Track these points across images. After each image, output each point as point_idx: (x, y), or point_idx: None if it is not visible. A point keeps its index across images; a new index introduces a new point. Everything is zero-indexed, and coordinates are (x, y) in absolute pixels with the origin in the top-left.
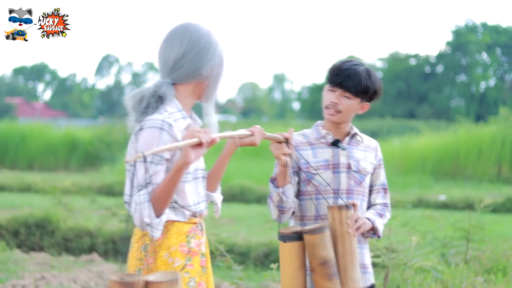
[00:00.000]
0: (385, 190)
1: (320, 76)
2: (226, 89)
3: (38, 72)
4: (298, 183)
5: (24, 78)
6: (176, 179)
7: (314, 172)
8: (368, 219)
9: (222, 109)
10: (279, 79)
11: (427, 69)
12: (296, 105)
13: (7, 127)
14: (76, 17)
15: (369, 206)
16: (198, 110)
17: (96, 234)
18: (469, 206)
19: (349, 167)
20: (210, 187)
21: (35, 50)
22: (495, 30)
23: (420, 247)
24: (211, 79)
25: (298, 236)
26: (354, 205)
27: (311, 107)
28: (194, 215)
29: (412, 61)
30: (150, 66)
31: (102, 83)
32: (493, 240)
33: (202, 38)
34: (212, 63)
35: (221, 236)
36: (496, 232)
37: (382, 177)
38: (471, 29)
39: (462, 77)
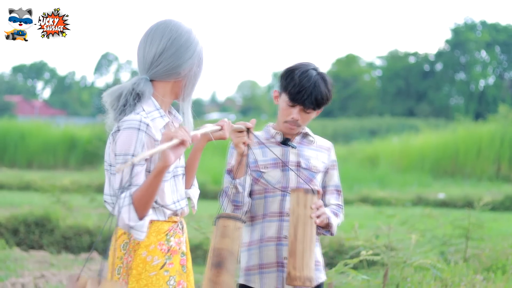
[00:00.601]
0: (338, 191)
1: None
2: (225, 87)
3: (37, 70)
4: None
5: (23, 76)
6: (157, 181)
7: (263, 170)
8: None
9: (221, 107)
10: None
11: (426, 67)
12: None
13: (6, 125)
14: (76, 16)
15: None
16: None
17: (95, 232)
18: (468, 204)
19: (298, 165)
20: (185, 184)
21: (35, 48)
22: (494, 28)
23: (419, 245)
24: (189, 78)
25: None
26: (318, 192)
27: None
28: (175, 213)
29: (411, 59)
30: None
31: (101, 81)
32: (492, 238)
33: (182, 36)
34: (191, 61)
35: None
36: (495, 230)
37: (335, 178)
38: (470, 27)
39: (461, 75)
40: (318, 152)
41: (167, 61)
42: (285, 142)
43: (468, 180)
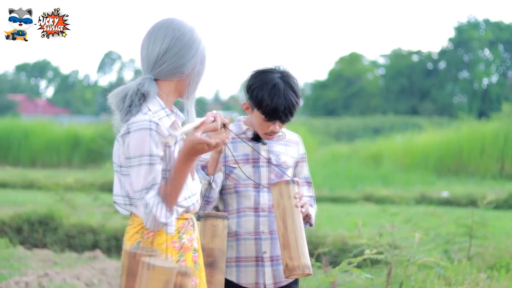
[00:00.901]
0: (309, 183)
1: (323, 73)
2: (229, 86)
3: (40, 69)
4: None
5: (26, 75)
6: (187, 167)
7: (234, 166)
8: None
9: (224, 105)
10: None
11: (430, 65)
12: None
13: (9, 124)
14: (79, 14)
15: None
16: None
17: (99, 231)
18: (472, 203)
19: (269, 161)
20: None
21: (38, 47)
22: (498, 26)
23: (423, 243)
24: (192, 76)
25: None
26: (298, 182)
27: (314, 103)
28: (186, 210)
29: (415, 58)
30: None
31: (105, 80)
32: (496, 237)
33: (185, 34)
34: (194, 60)
35: None
36: (499, 228)
37: (305, 171)
38: (474, 25)
39: (464, 74)
40: (288, 147)
41: (170, 60)
42: (256, 138)
43: (471, 178)
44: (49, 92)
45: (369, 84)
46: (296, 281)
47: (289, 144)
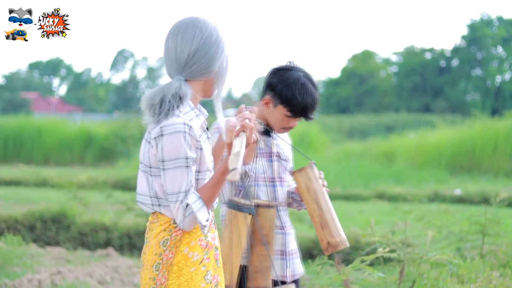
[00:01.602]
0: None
1: (335, 71)
2: (241, 84)
3: (53, 67)
4: None
5: (39, 73)
6: (224, 178)
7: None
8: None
9: (237, 103)
10: None
11: (443, 63)
12: None
13: (22, 122)
14: (91, 12)
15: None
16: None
17: (111, 228)
18: (485, 200)
19: (278, 155)
20: None
21: (51, 45)
22: (511, 23)
23: (435, 241)
24: (219, 74)
25: (250, 209)
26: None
27: (326, 101)
28: (211, 209)
29: (428, 55)
30: None
31: (117, 78)
32: (509, 234)
33: (212, 34)
34: (221, 59)
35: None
36: None
37: (291, 157)
38: (487, 22)
39: (477, 71)
40: (284, 142)
41: (201, 61)
42: (268, 132)
43: (484, 176)
44: (62, 90)
45: (382, 82)
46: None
47: (284, 138)
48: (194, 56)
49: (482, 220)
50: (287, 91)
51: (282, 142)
